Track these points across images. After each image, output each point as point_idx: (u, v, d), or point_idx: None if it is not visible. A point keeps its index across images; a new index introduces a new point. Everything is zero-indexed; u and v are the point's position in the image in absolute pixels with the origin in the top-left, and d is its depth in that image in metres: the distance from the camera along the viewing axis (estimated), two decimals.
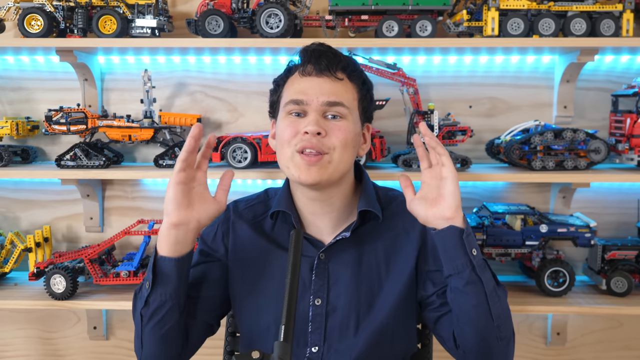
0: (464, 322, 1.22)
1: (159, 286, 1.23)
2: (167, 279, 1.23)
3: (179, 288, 1.24)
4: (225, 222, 1.41)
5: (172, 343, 1.28)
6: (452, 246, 1.19)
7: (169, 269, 1.22)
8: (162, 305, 1.23)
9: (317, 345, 1.30)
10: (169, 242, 1.22)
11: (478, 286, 1.19)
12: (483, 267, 1.20)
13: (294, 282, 0.95)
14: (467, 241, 1.18)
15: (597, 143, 1.89)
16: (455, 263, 1.19)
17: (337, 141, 1.26)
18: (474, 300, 1.19)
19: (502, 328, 1.22)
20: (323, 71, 1.28)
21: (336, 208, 1.33)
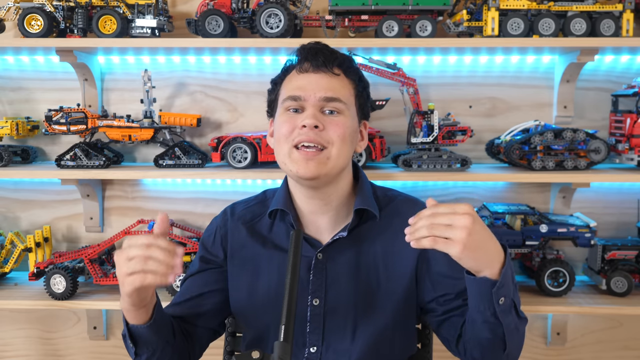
0: (474, 344, 1.21)
1: (142, 346, 1.22)
2: (148, 339, 1.21)
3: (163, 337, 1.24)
4: (223, 225, 1.41)
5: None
6: (479, 293, 1.12)
7: (145, 333, 1.20)
8: (153, 354, 1.24)
9: (315, 346, 1.30)
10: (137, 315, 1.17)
11: (496, 326, 1.15)
12: (507, 312, 1.14)
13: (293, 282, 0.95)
14: (495, 294, 1.10)
15: (597, 143, 1.88)
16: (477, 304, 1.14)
17: (335, 135, 1.26)
18: (489, 335, 1.17)
19: (511, 356, 1.21)
20: (320, 67, 1.29)
21: (334, 207, 1.33)
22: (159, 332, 1.22)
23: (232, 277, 1.38)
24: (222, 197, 2.12)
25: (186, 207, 2.15)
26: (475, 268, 1.10)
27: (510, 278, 1.13)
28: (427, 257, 1.32)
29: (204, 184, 2.13)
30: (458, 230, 1.03)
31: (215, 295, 1.37)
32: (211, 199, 2.13)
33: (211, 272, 1.39)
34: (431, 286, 1.32)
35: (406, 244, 1.33)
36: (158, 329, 1.21)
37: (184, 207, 2.15)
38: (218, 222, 1.43)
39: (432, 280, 1.32)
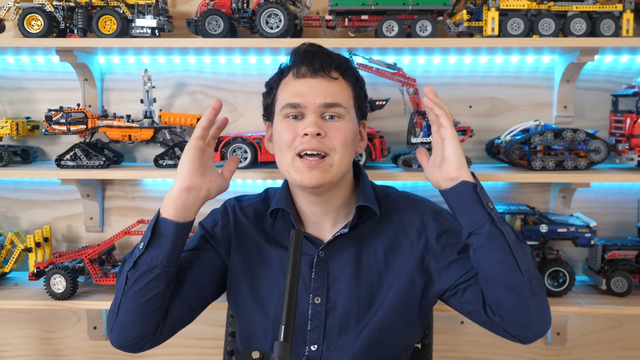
0: (494, 283, 1.21)
1: (152, 248, 1.23)
2: (163, 242, 1.24)
3: (172, 256, 1.25)
4: (226, 214, 1.41)
5: (149, 316, 1.26)
6: (466, 201, 1.20)
7: (168, 231, 1.24)
8: (150, 270, 1.23)
9: (316, 344, 1.30)
10: (176, 205, 1.25)
11: (500, 239, 1.19)
12: (502, 221, 1.21)
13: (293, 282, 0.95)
14: (481, 194, 1.20)
15: (597, 143, 1.88)
16: (473, 219, 1.20)
17: (337, 142, 1.26)
18: (499, 254, 1.19)
19: (534, 282, 1.21)
20: (317, 72, 1.28)
21: (336, 207, 1.34)
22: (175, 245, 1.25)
23: (232, 269, 1.38)
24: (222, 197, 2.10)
25: None
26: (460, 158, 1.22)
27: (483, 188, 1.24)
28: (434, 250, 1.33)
29: None
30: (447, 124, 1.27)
31: (205, 273, 1.37)
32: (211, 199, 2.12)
33: (208, 252, 1.39)
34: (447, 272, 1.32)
35: (405, 241, 1.34)
36: (178, 238, 1.25)
37: None
38: (221, 210, 1.44)
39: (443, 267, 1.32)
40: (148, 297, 1.24)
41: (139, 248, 1.25)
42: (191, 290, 1.34)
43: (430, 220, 1.36)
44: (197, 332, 2.17)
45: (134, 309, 1.24)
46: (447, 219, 1.37)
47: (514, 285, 1.20)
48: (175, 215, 1.25)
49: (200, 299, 1.37)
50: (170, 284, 1.27)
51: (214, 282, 1.38)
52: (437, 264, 1.33)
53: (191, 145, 1.28)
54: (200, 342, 2.19)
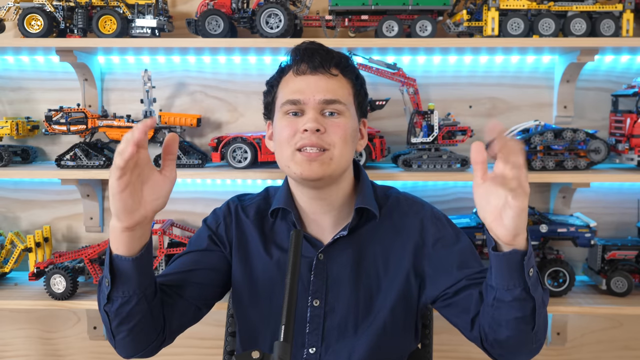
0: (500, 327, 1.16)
1: (119, 285, 1.13)
2: (127, 277, 1.12)
3: (144, 281, 1.15)
4: (228, 214, 1.41)
5: (144, 334, 1.21)
6: (508, 269, 1.08)
7: (128, 268, 1.11)
8: (127, 302, 1.14)
9: (314, 347, 1.29)
10: (123, 243, 1.10)
11: (526, 304, 1.11)
12: (536, 284, 1.10)
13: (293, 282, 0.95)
14: (526, 265, 1.07)
15: (597, 143, 1.88)
16: (507, 282, 1.10)
17: (337, 137, 1.26)
18: (519, 314, 1.12)
19: (539, 335, 1.17)
20: (317, 68, 1.28)
21: (336, 207, 1.33)
22: (142, 274, 1.13)
23: (235, 269, 1.38)
24: (222, 197, 2.10)
25: (186, 207, 2.15)
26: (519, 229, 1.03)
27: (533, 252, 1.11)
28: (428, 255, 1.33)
29: (204, 184, 2.13)
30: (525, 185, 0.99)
31: (212, 275, 1.36)
32: (211, 199, 2.13)
33: (216, 253, 1.38)
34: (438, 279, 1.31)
35: (404, 241, 1.34)
36: (142, 269, 1.13)
37: (184, 207, 2.15)
38: (224, 210, 1.42)
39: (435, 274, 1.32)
40: (136, 321, 1.17)
41: (105, 285, 1.14)
42: (198, 291, 1.33)
43: (429, 225, 1.35)
44: (197, 332, 2.15)
45: (128, 334, 1.19)
46: (445, 226, 1.36)
47: (520, 335, 1.16)
48: (128, 252, 1.11)
49: (207, 299, 1.37)
50: (154, 299, 1.19)
51: (220, 283, 1.38)
52: (430, 270, 1.32)
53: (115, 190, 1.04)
54: (200, 342, 2.19)
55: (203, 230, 1.41)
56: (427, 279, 1.33)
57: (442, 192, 2.11)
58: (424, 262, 1.33)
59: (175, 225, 2.05)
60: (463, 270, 1.28)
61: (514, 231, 1.03)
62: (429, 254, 1.33)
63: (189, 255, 1.37)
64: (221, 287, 1.39)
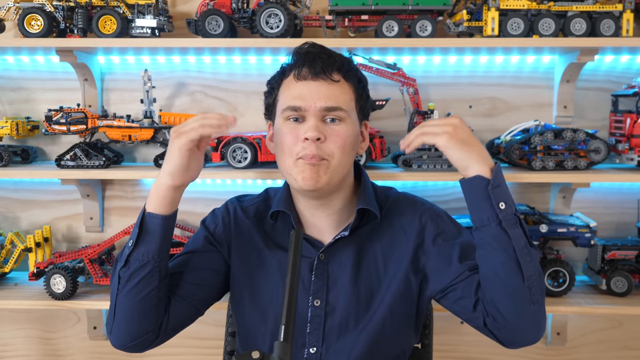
0: (493, 282, 1.19)
1: (142, 245, 1.23)
2: (152, 237, 1.23)
3: (162, 248, 1.24)
4: (227, 215, 1.41)
5: (147, 314, 1.24)
6: (475, 197, 1.18)
7: (156, 226, 1.23)
8: (142, 266, 1.22)
9: (315, 346, 1.30)
10: (164, 201, 1.24)
11: (506, 241, 1.16)
12: (513, 223, 1.17)
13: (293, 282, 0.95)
14: (492, 193, 1.16)
15: (597, 143, 1.89)
16: (480, 215, 1.18)
17: (335, 147, 1.26)
18: (502, 256, 1.17)
19: (534, 290, 1.19)
20: (319, 74, 1.27)
21: (337, 210, 1.33)
22: (164, 237, 1.24)
23: (234, 269, 1.38)
24: (222, 197, 2.10)
25: (186, 207, 2.15)
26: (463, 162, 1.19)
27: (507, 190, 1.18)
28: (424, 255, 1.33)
29: (204, 184, 2.13)
30: (444, 126, 1.18)
31: (210, 275, 1.36)
32: (211, 199, 2.13)
33: (212, 253, 1.38)
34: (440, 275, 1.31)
35: (404, 241, 1.34)
36: (167, 231, 1.25)
37: (184, 207, 2.14)
38: (222, 211, 1.43)
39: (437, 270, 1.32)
40: (143, 295, 1.23)
41: (128, 246, 1.24)
42: (196, 291, 1.34)
43: (429, 222, 1.35)
44: (197, 332, 2.16)
45: (131, 308, 1.23)
46: (445, 222, 1.37)
47: (513, 289, 1.18)
48: (162, 210, 1.24)
49: (205, 299, 1.37)
50: (164, 279, 1.26)
51: (218, 283, 1.38)
52: (432, 265, 1.32)
53: (182, 146, 1.21)
54: (200, 342, 2.19)
55: (200, 231, 1.42)
56: (429, 274, 1.33)
57: (442, 192, 2.11)
58: (424, 258, 1.33)
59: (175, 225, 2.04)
60: (465, 263, 1.29)
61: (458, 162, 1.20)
62: (429, 250, 1.33)
63: (184, 256, 1.38)
64: (217, 288, 1.39)
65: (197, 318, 1.37)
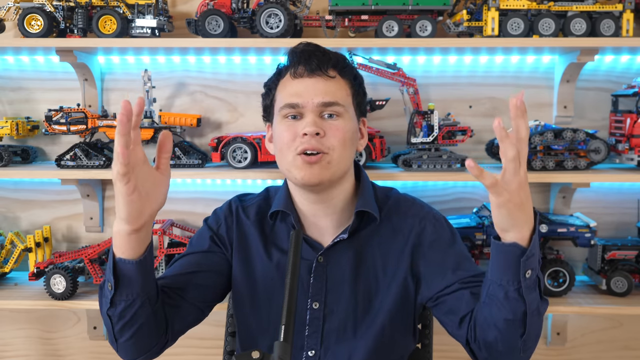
0: (488, 330, 1.15)
1: (123, 288, 1.12)
2: (130, 280, 1.12)
3: (147, 284, 1.15)
4: (230, 215, 1.40)
5: (147, 337, 1.21)
6: (505, 262, 1.07)
7: (131, 271, 1.11)
8: (130, 305, 1.14)
9: (313, 349, 1.29)
10: (130, 245, 1.10)
11: (518, 305, 1.09)
12: (532, 288, 1.09)
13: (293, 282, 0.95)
14: (524, 264, 1.05)
15: (597, 143, 1.88)
16: (501, 275, 1.09)
17: (336, 141, 1.25)
18: (509, 315, 1.10)
19: (529, 344, 1.15)
20: (315, 71, 1.28)
21: (338, 209, 1.33)
22: (145, 277, 1.13)
23: (235, 270, 1.37)
24: (222, 197, 2.10)
25: (186, 207, 2.15)
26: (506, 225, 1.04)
27: (538, 249, 1.07)
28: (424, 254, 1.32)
29: (204, 184, 2.13)
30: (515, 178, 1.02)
31: (214, 277, 1.35)
32: (211, 199, 2.13)
33: (217, 254, 1.37)
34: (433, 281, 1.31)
35: (403, 243, 1.33)
36: (145, 271, 1.13)
37: (184, 207, 2.15)
38: (225, 211, 1.42)
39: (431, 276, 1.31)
40: (139, 325, 1.17)
41: (107, 289, 1.14)
42: (200, 293, 1.33)
43: (427, 225, 1.34)
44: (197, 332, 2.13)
45: (131, 337, 1.19)
46: (443, 227, 1.36)
47: (508, 341, 1.14)
48: (132, 254, 1.11)
49: (209, 301, 1.36)
50: (157, 303, 1.19)
51: (222, 284, 1.37)
52: (425, 271, 1.32)
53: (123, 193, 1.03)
54: (200, 342, 2.19)
55: (204, 230, 1.41)
56: (422, 279, 1.32)
57: (442, 192, 2.11)
58: (420, 262, 1.32)
59: (175, 225, 2.05)
60: (457, 273, 1.28)
61: (499, 224, 1.05)
62: (424, 253, 1.32)
63: (190, 256, 1.36)
64: (223, 289, 1.39)
65: (202, 319, 1.36)
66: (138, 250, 1.12)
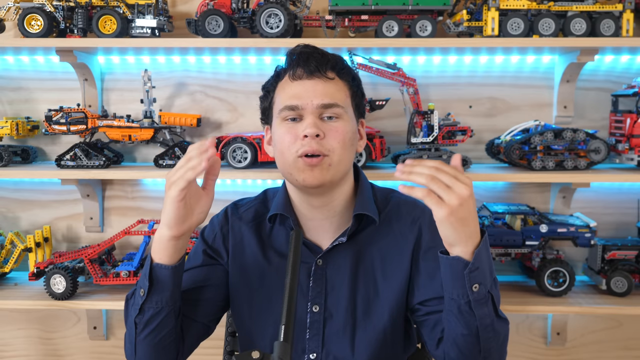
0: (452, 344, 1.17)
1: (154, 294, 1.19)
2: (163, 286, 1.19)
3: (175, 294, 1.22)
4: (225, 224, 1.40)
5: (167, 350, 1.25)
6: (451, 275, 1.10)
7: (166, 276, 1.19)
8: (158, 313, 1.20)
9: (315, 352, 1.29)
10: (168, 252, 1.18)
11: (471, 319, 1.11)
12: (483, 303, 1.11)
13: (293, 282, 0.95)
14: (468, 277, 1.08)
15: (597, 143, 1.89)
16: (451, 290, 1.12)
17: (335, 142, 1.25)
18: (464, 330, 1.13)
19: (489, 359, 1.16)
20: (313, 73, 1.27)
21: (337, 212, 1.32)
22: (176, 285, 1.20)
23: (232, 275, 1.37)
24: (222, 197, 2.11)
25: None
26: (450, 239, 1.08)
27: (487, 265, 1.10)
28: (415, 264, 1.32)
29: None
30: (454, 196, 1.04)
31: (215, 290, 1.36)
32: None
33: (213, 267, 1.37)
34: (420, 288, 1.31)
35: (402, 247, 1.33)
36: (177, 280, 1.21)
37: None
38: (220, 220, 1.41)
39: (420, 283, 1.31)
40: (162, 336, 1.23)
41: (139, 295, 1.21)
42: (204, 309, 1.34)
43: (425, 230, 1.34)
44: None
45: (151, 348, 1.23)
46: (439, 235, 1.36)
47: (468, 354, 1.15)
48: (169, 260, 1.19)
49: (214, 315, 1.37)
50: (179, 316, 1.25)
51: (223, 296, 1.38)
52: (417, 276, 1.32)
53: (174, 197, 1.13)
54: None
55: (199, 245, 1.41)
56: (414, 284, 1.32)
57: None
58: (415, 267, 1.32)
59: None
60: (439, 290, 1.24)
61: (445, 239, 1.09)
62: (419, 260, 1.32)
63: (188, 273, 1.36)
64: (224, 300, 1.39)
65: (210, 334, 1.38)
66: (175, 257, 1.19)
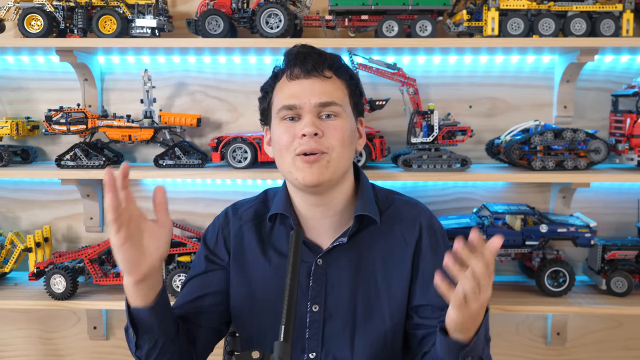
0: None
1: (144, 333, 1.18)
2: (148, 325, 1.17)
3: (166, 325, 1.20)
4: (226, 226, 1.40)
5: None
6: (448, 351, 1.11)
7: (147, 317, 1.16)
8: (154, 346, 1.20)
9: (314, 352, 1.29)
10: (138, 295, 1.14)
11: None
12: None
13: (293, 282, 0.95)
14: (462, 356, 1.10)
15: (597, 143, 1.88)
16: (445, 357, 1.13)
17: (335, 140, 1.25)
18: None
19: None
20: (311, 72, 1.28)
21: (337, 212, 1.32)
22: (161, 320, 1.18)
23: (233, 278, 1.37)
24: (222, 197, 2.12)
25: (186, 207, 2.15)
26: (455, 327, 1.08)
27: (482, 341, 1.12)
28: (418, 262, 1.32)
29: (204, 184, 2.13)
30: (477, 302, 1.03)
31: (219, 295, 1.36)
32: (211, 199, 2.13)
33: (216, 272, 1.37)
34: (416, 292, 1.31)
35: (403, 248, 1.32)
36: (161, 315, 1.18)
37: (184, 207, 2.15)
38: (221, 222, 1.41)
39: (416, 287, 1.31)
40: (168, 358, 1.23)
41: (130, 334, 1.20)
42: (211, 316, 1.35)
43: (425, 233, 1.34)
44: None
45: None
46: (438, 240, 1.35)
47: None
48: (143, 302, 1.15)
49: (223, 319, 1.38)
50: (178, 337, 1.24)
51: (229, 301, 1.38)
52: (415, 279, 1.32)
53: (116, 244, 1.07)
54: None
55: (201, 251, 1.41)
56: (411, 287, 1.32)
57: (442, 192, 2.11)
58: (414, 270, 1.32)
59: (175, 225, 2.05)
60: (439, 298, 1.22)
61: (449, 325, 1.08)
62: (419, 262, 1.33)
63: (193, 280, 1.38)
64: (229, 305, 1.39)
65: (222, 337, 1.39)
66: (148, 299, 1.15)
